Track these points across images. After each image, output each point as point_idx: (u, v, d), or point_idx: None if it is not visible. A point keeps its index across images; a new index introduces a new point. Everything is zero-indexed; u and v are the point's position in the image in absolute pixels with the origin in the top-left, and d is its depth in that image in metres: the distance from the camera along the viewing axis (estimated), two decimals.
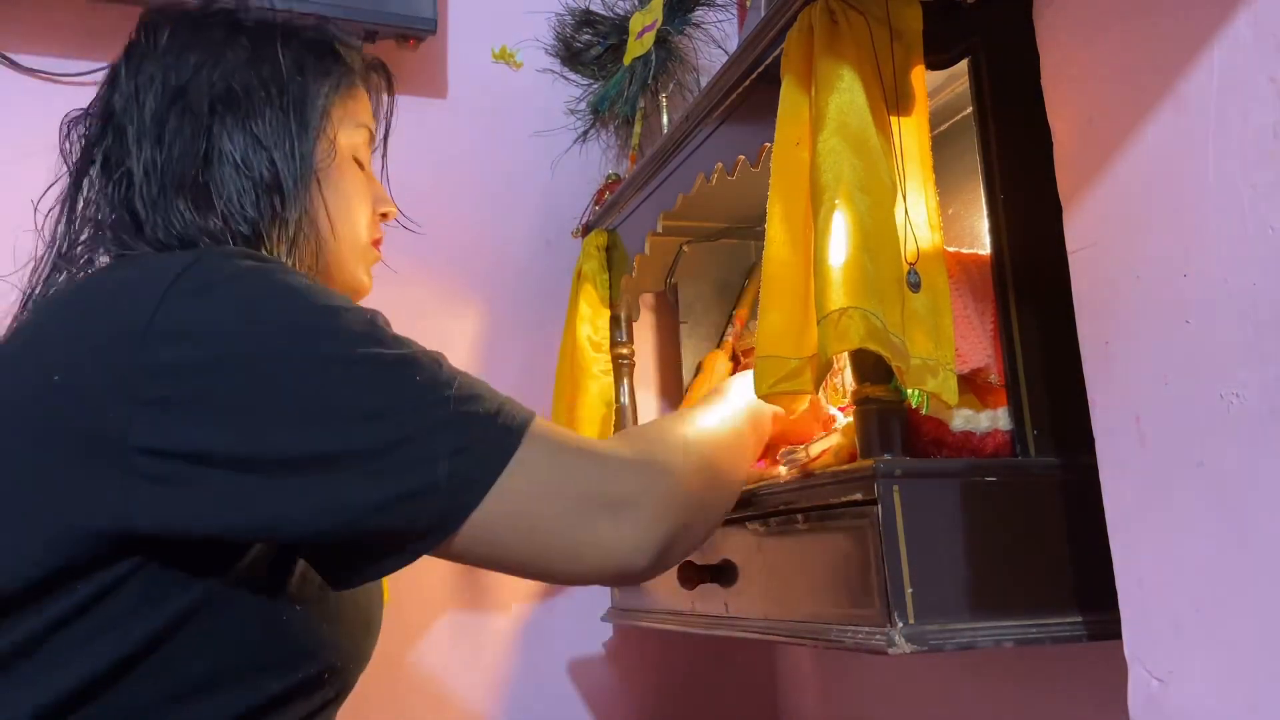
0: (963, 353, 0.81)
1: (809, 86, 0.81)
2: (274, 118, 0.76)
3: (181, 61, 0.76)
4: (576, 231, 1.60)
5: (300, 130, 0.78)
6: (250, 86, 0.76)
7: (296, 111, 0.78)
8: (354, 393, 0.62)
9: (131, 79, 0.77)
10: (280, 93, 0.77)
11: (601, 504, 0.66)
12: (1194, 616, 0.63)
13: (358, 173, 0.86)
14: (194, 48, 0.77)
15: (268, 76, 0.77)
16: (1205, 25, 0.62)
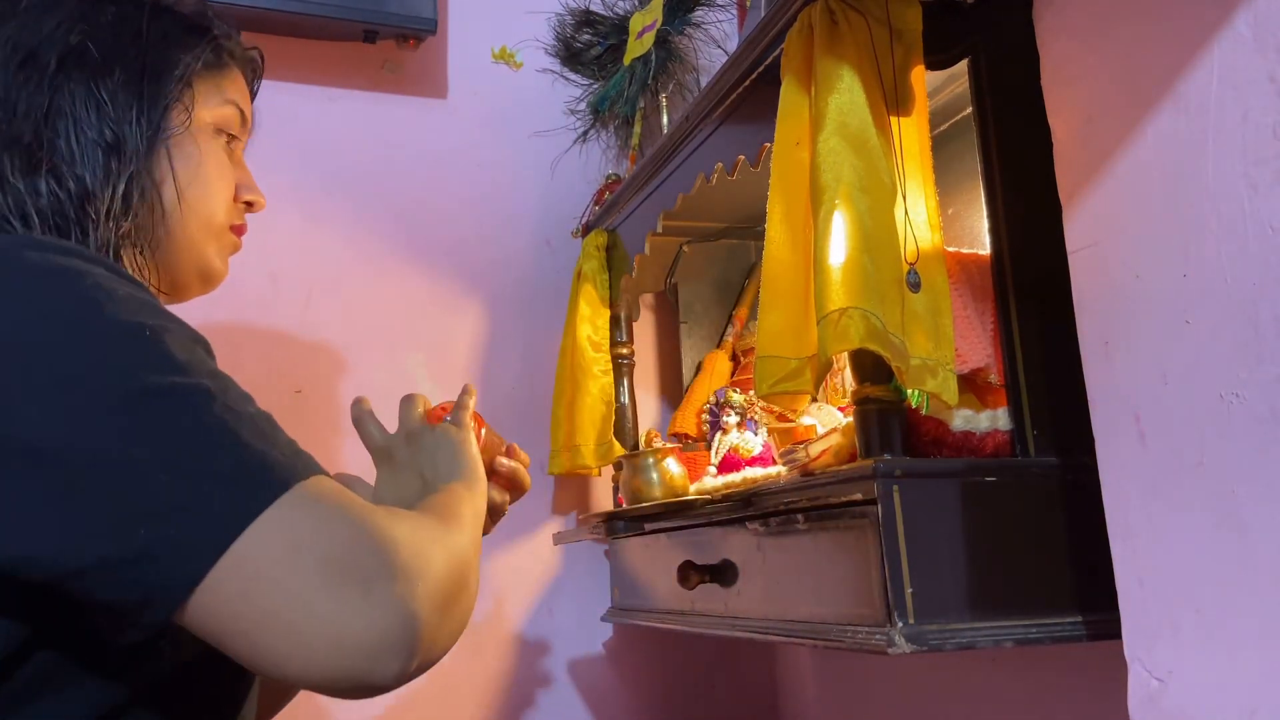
0: (963, 353, 0.81)
1: (809, 86, 0.81)
2: (125, 78, 0.73)
3: (40, 21, 0.72)
4: (576, 231, 1.60)
5: (153, 94, 0.74)
6: (107, 46, 0.72)
7: (151, 76, 0.74)
8: (98, 433, 0.52)
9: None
10: (137, 55, 0.74)
11: (354, 574, 0.52)
12: (1194, 616, 0.63)
13: (219, 150, 0.80)
14: (56, 10, 0.73)
15: (127, 40, 0.74)
16: (1205, 25, 0.62)
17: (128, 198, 0.72)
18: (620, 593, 1.42)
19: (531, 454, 1.57)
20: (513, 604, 1.55)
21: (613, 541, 1.43)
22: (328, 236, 1.53)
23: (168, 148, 0.75)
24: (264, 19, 1.48)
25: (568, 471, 1.46)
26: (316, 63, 1.58)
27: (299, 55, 1.58)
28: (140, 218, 0.73)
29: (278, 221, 1.51)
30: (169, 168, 0.75)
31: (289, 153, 1.54)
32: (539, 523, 1.60)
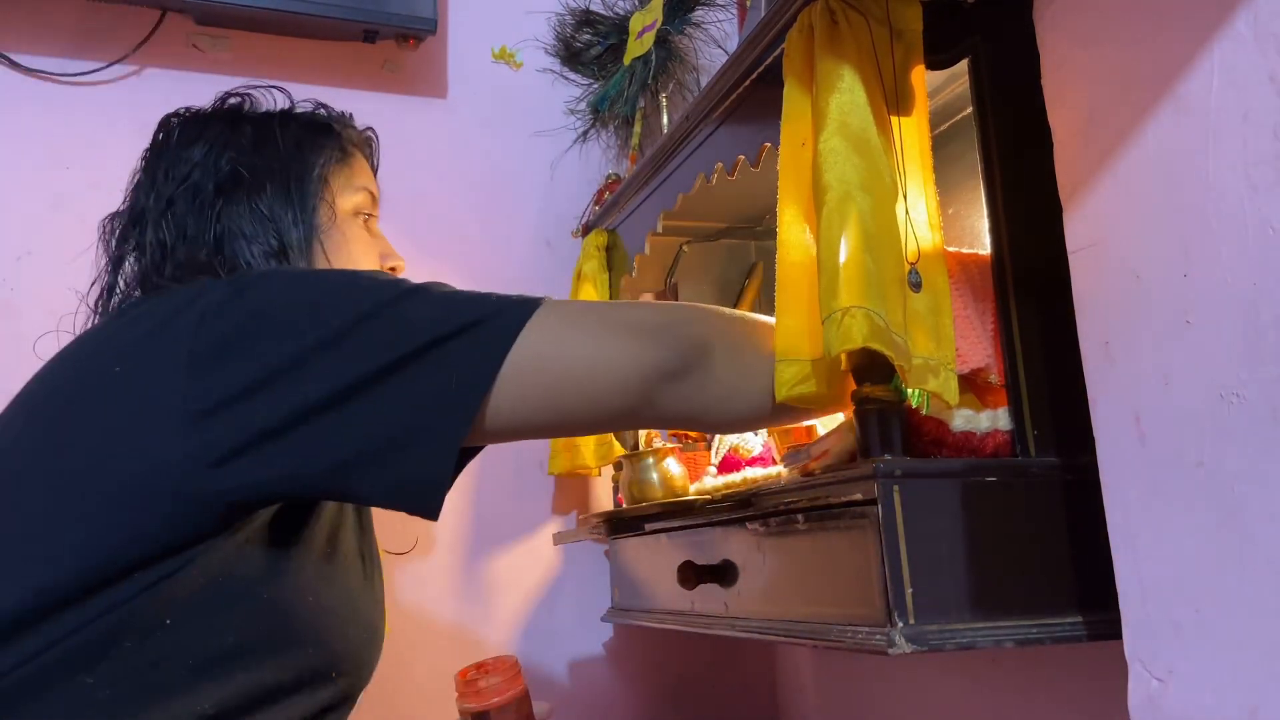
0: (963, 353, 0.81)
1: (810, 86, 0.81)
2: (276, 191, 0.83)
3: (190, 152, 0.84)
4: (576, 231, 1.60)
5: (300, 199, 0.84)
6: (254, 167, 0.83)
7: (296, 183, 0.85)
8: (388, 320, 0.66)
9: (150, 174, 0.86)
10: (281, 169, 0.85)
11: (631, 327, 0.70)
12: (1194, 616, 0.63)
13: (360, 231, 0.91)
14: (201, 139, 0.85)
15: (269, 156, 0.85)
16: (1205, 25, 0.62)
17: None
18: (620, 593, 1.42)
19: (532, 454, 1.57)
20: (513, 604, 1.55)
21: (613, 541, 1.43)
22: None
23: (321, 242, 0.85)
24: (264, 19, 1.48)
25: (568, 471, 1.46)
26: (316, 63, 1.59)
27: (299, 55, 1.58)
28: None
29: None
30: (325, 259, 0.85)
31: None
32: (539, 523, 1.60)
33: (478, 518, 1.57)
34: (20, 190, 1.42)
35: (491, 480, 1.56)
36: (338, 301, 0.66)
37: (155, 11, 1.48)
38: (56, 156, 1.44)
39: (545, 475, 1.55)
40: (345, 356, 0.63)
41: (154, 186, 0.84)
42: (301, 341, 0.64)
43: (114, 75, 1.48)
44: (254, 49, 1.56)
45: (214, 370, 0.63)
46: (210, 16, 1.48)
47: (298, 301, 0.66)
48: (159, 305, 0.70)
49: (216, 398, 0.63)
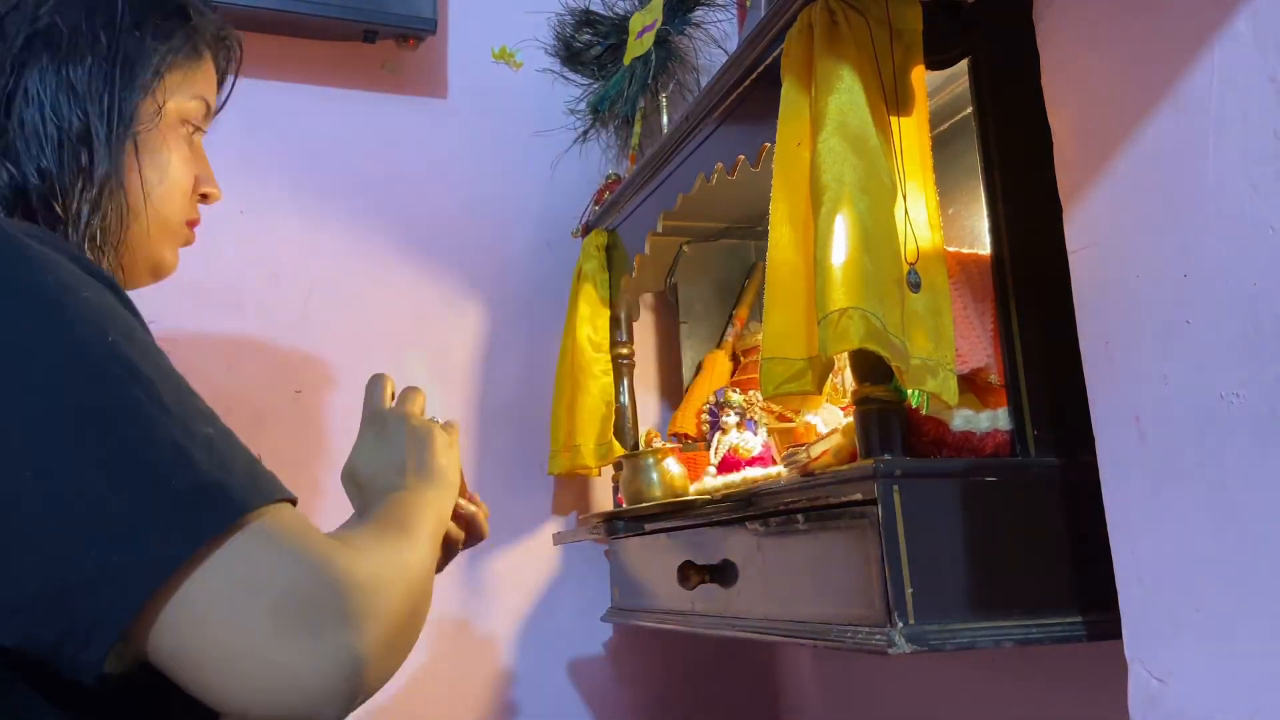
0: (963, 353, 0.81)
1: (809, 86, 0.81)
2: (96, 66, 0.69)
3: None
4: (576, 231, 1.60)
5: (125, 84, 0.71)
6: (77, 28, 0.69)
7: (124, 65, 0.71)
8: (44, 451, 0.48)
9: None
10: (110, 41, 0.70)
11: (306, 617, 0.50)
12: (1194, 616, 0.63)
13: (183, 144, 0.78)
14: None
15: (100, 23, 0.70)
16: (1205, 25, 0.62)
17: (98, 196, 0.69)
18: (620, 593, 1.42)
19: (532, 454, 1.57)
20: (513, 604, 1.55)
21: (613, 541, 1.43)
22: (328, 236, 1.53)
23: (136, 143, 0.72)
24: (264, 19, 1.48)
25: (568, 471, 1.46)
26: (316, 63, 1.58)
27: (299, 55, 1.58)
28: (106, 215, 0.70)
29: (278, 222, 1.51)
30: (136, 164, 0.72)
31: (289, 153, 1.54)
32: (539, 523, 1.60)
33: None
34: None
35: (491, 480, 1.56)
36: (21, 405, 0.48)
37: None
38: None
39: (545, 475, 1.55)
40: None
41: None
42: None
43: None
44: (253, 49, 1.55)
45: None
46: None
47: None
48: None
49: None
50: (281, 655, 0.49)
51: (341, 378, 1.50)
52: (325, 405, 1.48)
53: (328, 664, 0.50)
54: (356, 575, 0.53)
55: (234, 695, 0.49)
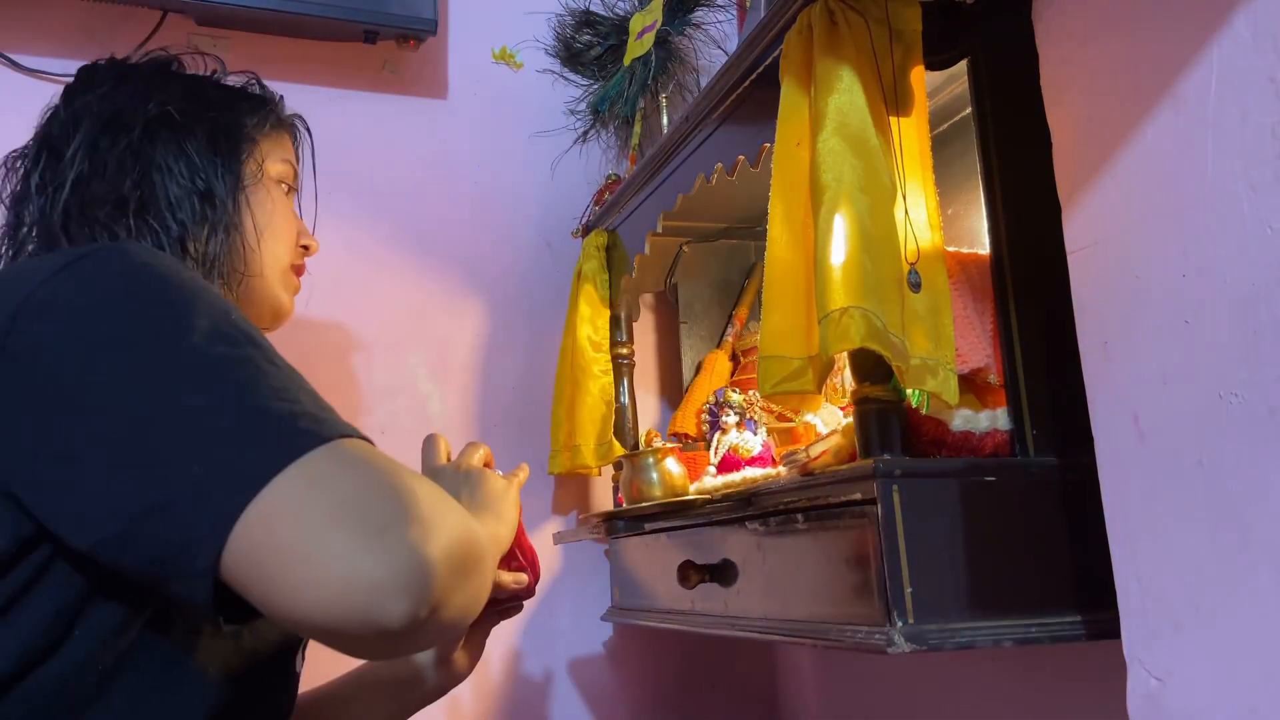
0: (963, 353, 0.82)
1: (809, 87, 0.81)
2: (205, 137, 0.84)
3: (117, 93, 0.83)
4: (576, 232, 1.60)
5: (230, 150, 0.85)
6: (185, 111, 0.83)
7: (225, 134, 0.86)
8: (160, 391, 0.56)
9: (69, 109, 0.84)
10: (212, 119, 0.85)
11: (369, 516, 0.53)
12: (1194, 616, 0.63)
13: (282, 198, 0.93)
14: (130, 82, 0.85)
15: (201, 105, 0.86)
16: (1205, 25, 0.62)
17: (220, 242, 0.83)
18: (620, 593, 1.42)
19: (532, 454, 1.57)
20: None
21: (613, 541, 1.43)
22: (328, 236, 1.53)
23: (246, 197, 0.86)
24: (264, 19, 1.48)
25: (568, 471, 1.46)
26: (316, 63, 1.59)
27: (299, 55, 1.58)
28: (227, 257, 0.84)
29: None
30: (249, 214, 0.86)
31: None
32: (539, 523, 1.60)
33: None
34: None
35: None
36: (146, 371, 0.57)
37: (155, 12, 1.48)
38: None
39: (545, 475, 1.55)
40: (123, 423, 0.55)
41: (76, 122, 0.82)
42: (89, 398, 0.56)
43: None
44: (254, 49, 1.56)
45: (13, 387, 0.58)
46: (210, 17, 1.48)
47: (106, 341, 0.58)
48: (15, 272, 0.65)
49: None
50: (344, 546, 0.51)
51: (342, 377, 1.50)
52: None
53: (390, 555, 0.52)
54: (421, 490, 0.57)
55: (298, 593, 0.51)
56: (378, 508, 0.53)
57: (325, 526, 0.52)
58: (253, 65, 1.59)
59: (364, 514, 0.53)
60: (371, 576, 0.51)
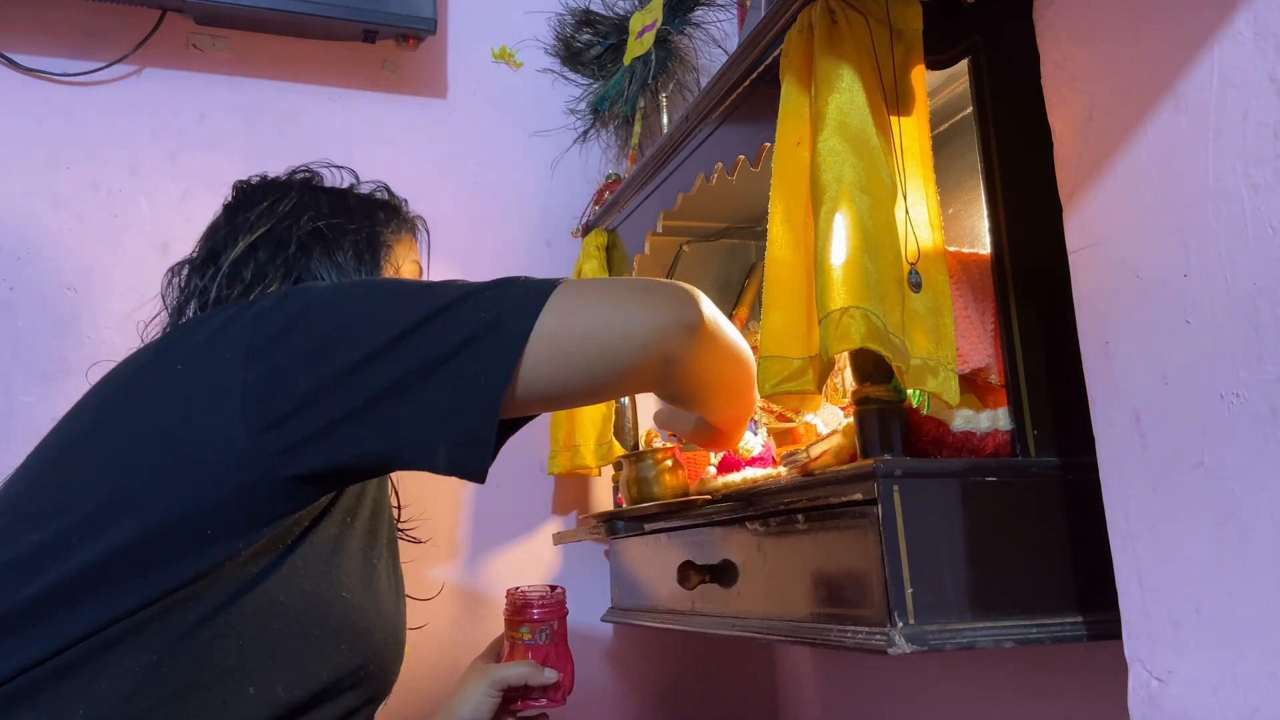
0: (963, 353, 0.81)
1: (809, 86, 0.81)
2: (352, 249, 0.93)
3: (274, 208, 0.94)
4: (576, 231, 1.60)
5: (372, 258, 0.95)
6: (333, 227, 0.93)
7: (368, 245, 0.95)
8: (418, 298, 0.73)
9: (230, 224, 0.93)
10: (355, 231, 0.95)
11: (645, 290, 0.75)
12: (1194, 616, 0.63)
13: None
14: (285, 199, 0.95)
15: (345, 219, 0.95)
16: (1205, 25, 0.62)
17: None
18: (620, 593, 1.42)
19: (532, 454, 1.57)
20: None
21: (613, 541, 1.43)
22: None
23: None
24: (264, 19, 1.48)
25: (568, 471, 1.46)
26: (316, 63, 1.59)
27: (299, 55, 1.58)
28: None
29: None
30: None
31: (289, 152, 1.53)
32: (539, 523, 1.60)
33: (478, 518, 1.56)
34: (20, 190, 1.42)
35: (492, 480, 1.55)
36: (382, 310, 0.72)
37: (155, 11, 1.48)
38: (56, 156, 1.44)
39: (545, 475, 1.55)
40: (394, 359, 0.70)
41: (235, 235, 0.91)
42: (357, 341, 0.70)
43: (114, 75, 1.48)
44: (254, 49, 1.56)
45: (269, 363, 0.70)
46: (210, 16, 1.48)
47: (347, 303, 0.73)
48: (214, 314, 0.77)
49: (273, 388, 0.70)
50: (637, 307, 0.74)
51: None
52: None
53: (667, 298, 0.75)
54: (682, 285, 0.78)
55: (605, 351, 0.73)
56: (638, 287, 0.76)
57: (611, 304, 0.74)
58: (252, 65, 1.60)
59: (632, 292, 0.75)
60: (666, 307, 0.75)
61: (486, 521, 1.57)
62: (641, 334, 0.73)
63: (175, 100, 1.51)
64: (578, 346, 0.72)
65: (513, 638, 1.15)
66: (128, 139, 1.47)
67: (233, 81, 1.55)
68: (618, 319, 0.73)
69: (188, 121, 1.50)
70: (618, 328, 0.73)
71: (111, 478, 0.70)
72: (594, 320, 0.73)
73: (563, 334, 0.71)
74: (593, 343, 0.72)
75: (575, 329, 0.72)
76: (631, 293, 0.75)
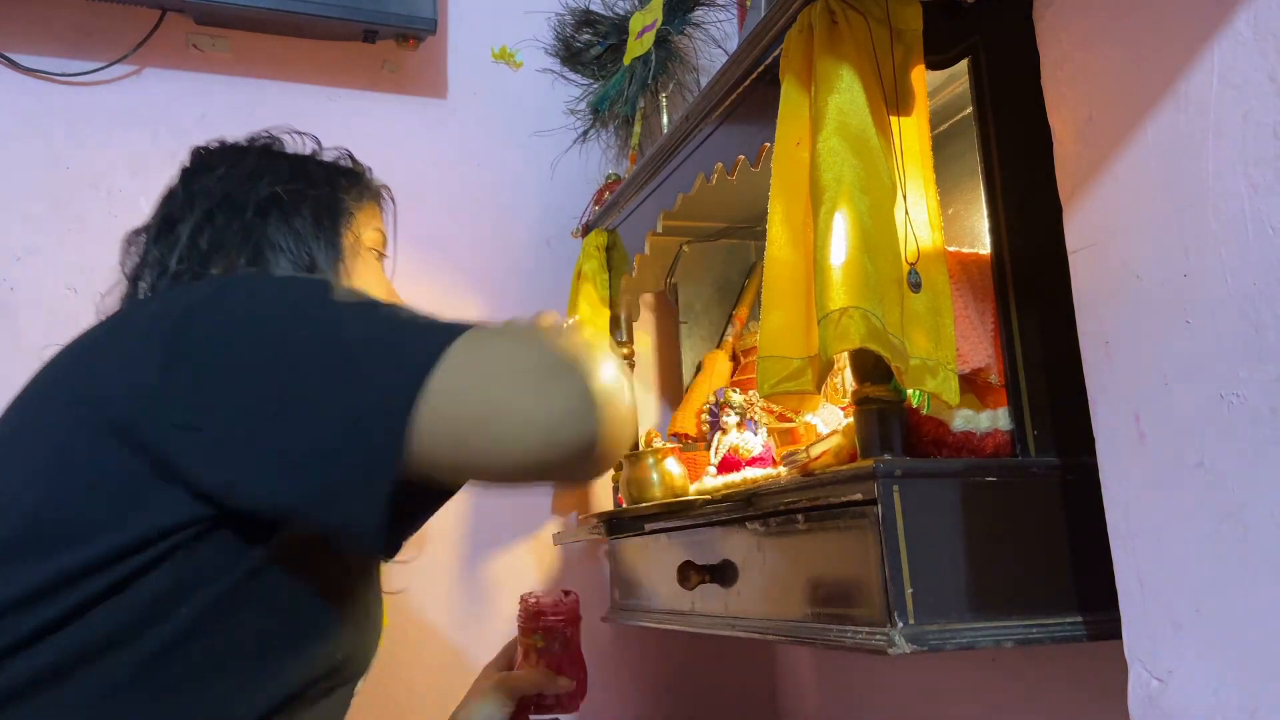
0: (963, 353, 0.81)
1: (809, 86, 0.81)
2: (310, 215, 0.91)
3: (230, 175, 0.91)
4: (576, 231, 1.60)
5: (332, 224, 0.93)
6: (291, 192, 0.91)
7: (328, 211, 0.93)
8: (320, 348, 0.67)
9: (187, 191, 0.91)
10: (315, 197, 0.93)
11: (549, 369, 0.65)
12: (1194, 616, 0.63)
13: (375, 263, 0.99)
14: (241, 164, 0.93)
15: (304, 185, 0.93)
16: (1205, 25, 0.62)
17: None
18: (620, 593, 1.42)
19: None
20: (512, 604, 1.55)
21: (613, 542, 1.42)
22: None
23: (345, 266, 0.93)
24: (264, 19, 1.48)
25: None
26: (316, 63, 1.58)
27: (299, 55, 1.58)
28: None
29: None
30: (349, 280, 0.93)
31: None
32: (539, 523, 1.60)
33: (478, 518, 1.56)
34: (20, 190, 1.42)
35: None
36: (297, 325, 0.69)
37: (155, 11, 1.48)
38: (56, 156, 1.44)
39: None
40: (293, 377, 0.66)
41: (192, 201, 0.89)
42: (258, 359, 0.67)
43: (114, 75, 1.48)
44: (254, 49, 1.56)
45: (182, 373, 0.68)
46: (210, 16, 1.48)
47: (266, 317, 0.70)
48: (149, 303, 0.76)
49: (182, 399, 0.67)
50: (535, 396, 0.64)
51: None
52: None
53: (572, 390, 0.64)
54: (561, 342, 0.67)
55: (505, 447, 0.63)
56: (541, 360, 0.65)
57: (508, 384, 0.64)
58: (252, 65, 1.60)
59: (533, 367, 0.65)
60: (567, 407, 0.63)
61: (486, 521, 1.57)
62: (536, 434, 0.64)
63: (175, 100, 1.51)
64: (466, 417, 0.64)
65: (526, 644, 1.15)
66: (128, 139, 1.47)
67: (233, 81, 1.55)
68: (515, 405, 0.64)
69: (188, 121, 1.50)
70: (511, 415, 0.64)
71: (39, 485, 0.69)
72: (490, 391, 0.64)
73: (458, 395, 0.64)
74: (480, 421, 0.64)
75: (471, 393, 0.64)
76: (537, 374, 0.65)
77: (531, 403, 0.63)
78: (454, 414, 0.63)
